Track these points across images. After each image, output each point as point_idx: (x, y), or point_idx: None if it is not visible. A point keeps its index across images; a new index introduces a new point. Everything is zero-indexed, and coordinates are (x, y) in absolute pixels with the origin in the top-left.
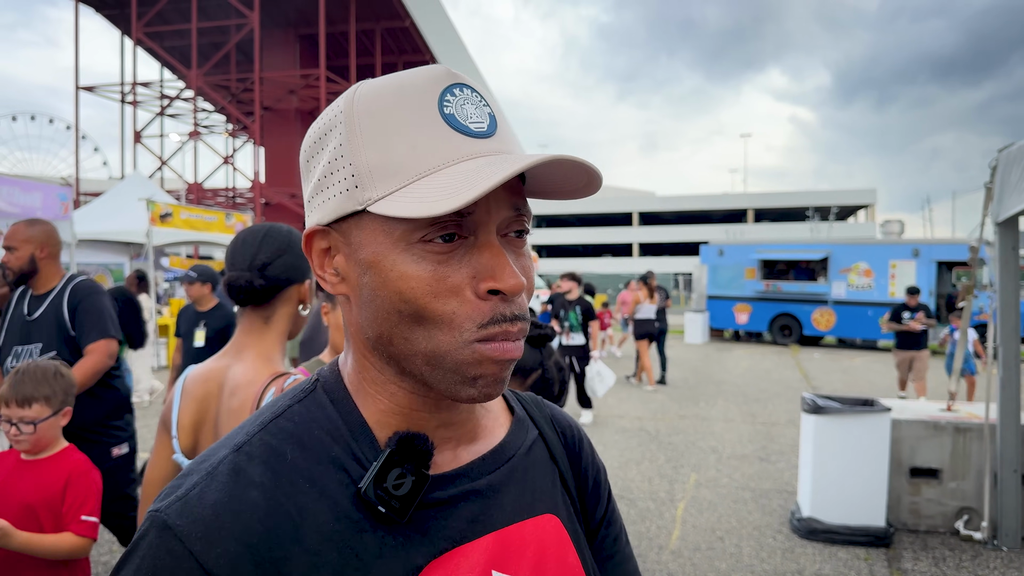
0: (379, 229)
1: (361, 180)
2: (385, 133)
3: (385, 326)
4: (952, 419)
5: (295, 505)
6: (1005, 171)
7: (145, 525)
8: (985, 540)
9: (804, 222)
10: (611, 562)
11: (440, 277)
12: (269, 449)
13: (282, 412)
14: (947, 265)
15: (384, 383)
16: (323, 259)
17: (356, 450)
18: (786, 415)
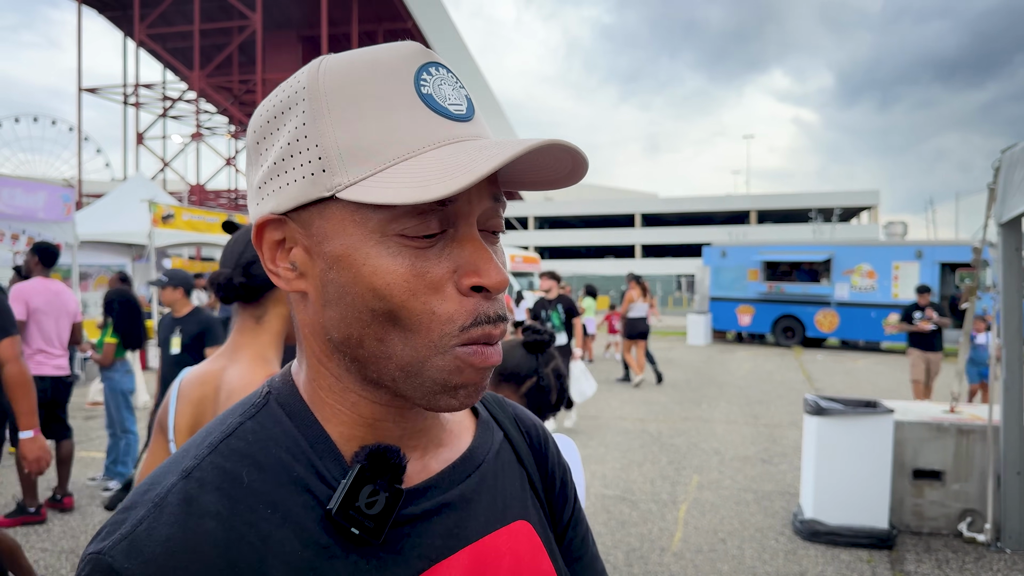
0: (349, 218)
1: (329, 164)
2: (358, 112)
3: (355, 327)
4: (955, 421)
5: (257, 534)
6: (1008, 172)
7: (85, 569)
8: (988, 542)
9: (807, 223)
10: (579, 564)
11: (419, 272)
12: (222, 473)
13: (233, 431)
14: (951, 267)
15: (343, 392)
16: (275, 252)
17: (320, 468)
18: (788, 417)
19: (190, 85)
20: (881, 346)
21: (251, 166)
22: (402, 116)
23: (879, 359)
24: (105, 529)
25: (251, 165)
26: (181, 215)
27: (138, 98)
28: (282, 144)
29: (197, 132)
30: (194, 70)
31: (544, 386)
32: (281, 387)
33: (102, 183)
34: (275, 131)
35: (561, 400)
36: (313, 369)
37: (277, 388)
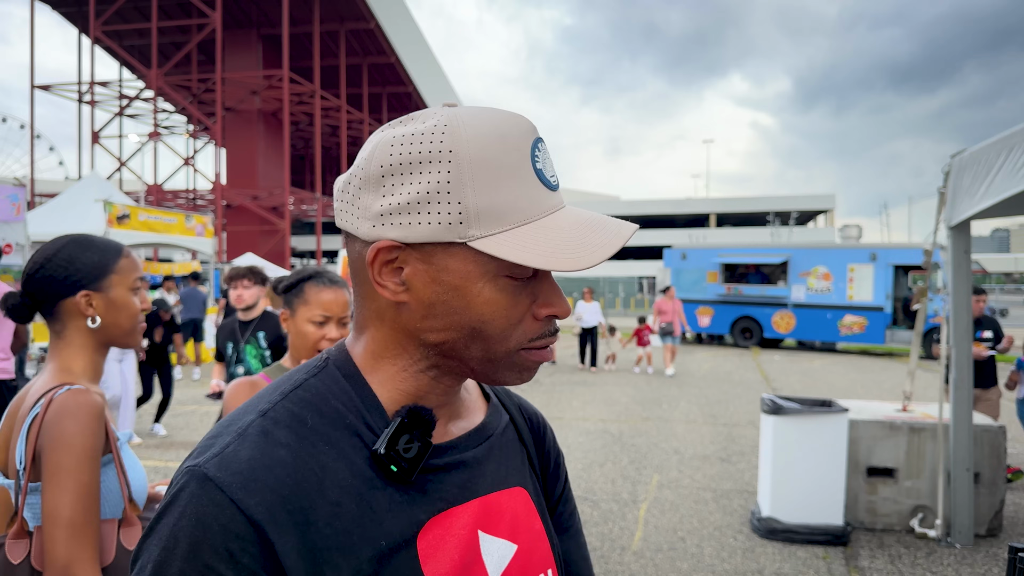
0: (472, 260)
1: (467, 219)
2: (492, 182)
3: (454, 336)
4: (907, 419)
5: (317, 463)
6: (957, 176)
7: (183, 479)
8: (939, 537)
9: (765, 227)
10: (567, 534)
11: (513, 304)
12: (291, 415)
13: (300, 384)
14: (904, 269)
15: (411, 369)
16: (384, 268)
17: (368, 419)
18: (747, 416)
19: (147, 83)
20: (837, 347)
21: (369, 191)
22: (523, 186)
23: (835, 359)
24: (197, 450)
25: (369, 190)
26: (137, 215)
27: (93, 96)
28: (420, 189)
29: (155, 131)
30: (152, 68)
31: None
32: (338, 356)
33: (55, 182)
34: (411, 173)
35: None
36: (391, 350)
37: (335, 356)
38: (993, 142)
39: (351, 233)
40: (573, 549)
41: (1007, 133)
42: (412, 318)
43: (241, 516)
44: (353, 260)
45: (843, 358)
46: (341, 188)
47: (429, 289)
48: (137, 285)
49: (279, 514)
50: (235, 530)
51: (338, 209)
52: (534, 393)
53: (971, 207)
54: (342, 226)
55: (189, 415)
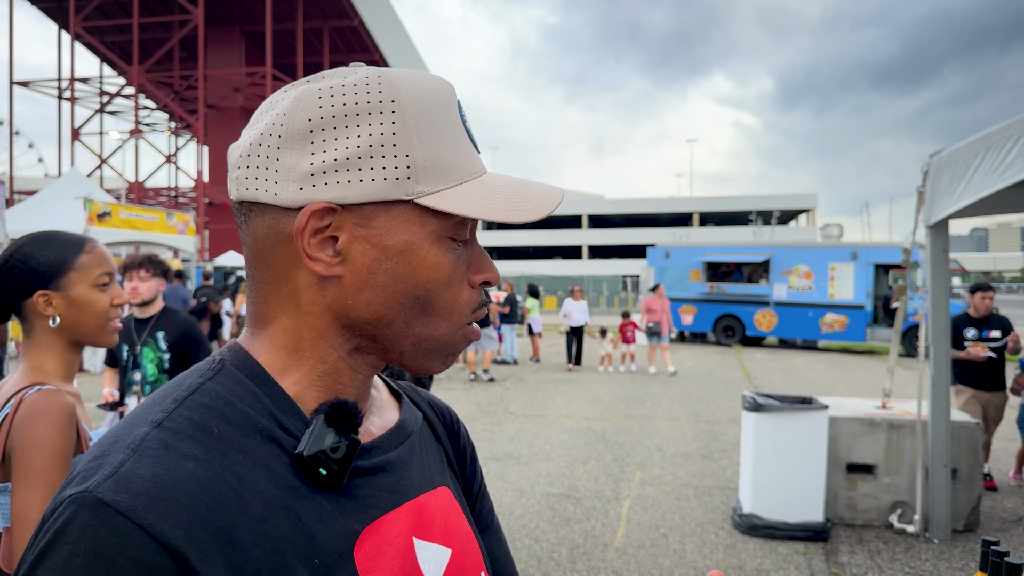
0: (416, 220)
1: (415, 173)
2: (436, 136)
3: (393, 310)
4: (887, 416)
5: (233, 475)
6: (936, 176)
7: (67, 510)
8: (917, 533)
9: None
10: (488, 531)
11: (455, 269)
12: (192, 423)
13: (196, 388)
14: (884, 268)
15: (329, 359)
16: (314, 238)
17: (283, 421)
18: (729, 414)
19: (129, 80)
20: (818, 345)
21: (292, 149)
22: (460, 144)
23: (816, 357)
24: (78, 475)
25: (293, 148)
26: (118, 213)
27: (73, 92)
28: (361, 143)
29: (136, 128)
30: (133, 64)
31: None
32: (234, 355)
33: (35, 180)
34: (347, 126)
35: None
36: (308, 341)
37: (230, 356)
38: (971, 142)
39: (262, 203)
40: (496, 547)
41: (984, 133)
42: (344, 294)
43: (154, 544)
44: (259, 239)
45: (824, 356)
46: (247, 152)
47: (369, 256)
48: (104, 281)
49: (200, 536)
50: (149, 562)
51: (241, 177)
52: (518, 391)
53: (949, 206)
54: (248, 197)
55: None
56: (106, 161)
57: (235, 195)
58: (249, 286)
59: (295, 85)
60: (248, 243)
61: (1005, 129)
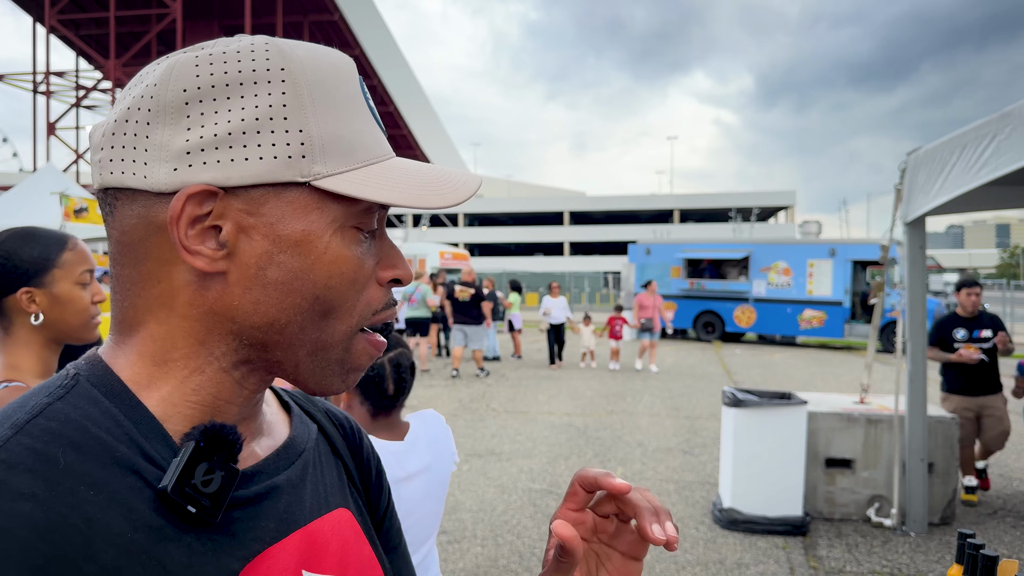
0: (313, 205)
1: (311, 151)
2: (336, 110)
3: (286, 313)
4: (864, 411)
5: (80, 516)
6: (913, 173)
7: None
8: (895, 526)
9: (727, 223)
10: (395, 552)
11: (360, 265)
12: (33, 454)
13: (41, 411)
14: (862, 264)
15: (208, 370)
16: (192, 227)
17: (147, 449)
18: (709, 409)
19: (105, 74)
20: (797, 340)
21: (164, 125)
22: (364, 122)
23: (795, 353)
24: None
25: (165, 124)
26: (96, 208)
27: (49, 86)
28: (246, 115)
29: None
30: (110, 58)
31: (375, 375)
32: (91, 369)
33: (9, 175)
34: (229, 97)
35: (400, 391)
36: (182, 349)
37: (86, 370)
38: (947, 140)
39: (130, 188)
40: (403, 569)
41: (960, 131)
42: (228, 294)
43: None
44: (126, 230)
45: (803, 352)
46: (111, 131)
47: (259, 249)
48: (85, 279)
49: None
50: None
51: (104, 159)
52: (499, 387)
53: (926, 203)
54: (112, 182)
55: None
56: (83, 156)
57: (98, 182)
58: (113, 288)
59: (169, 56)
60: (114, 237)
61: (981, 127)
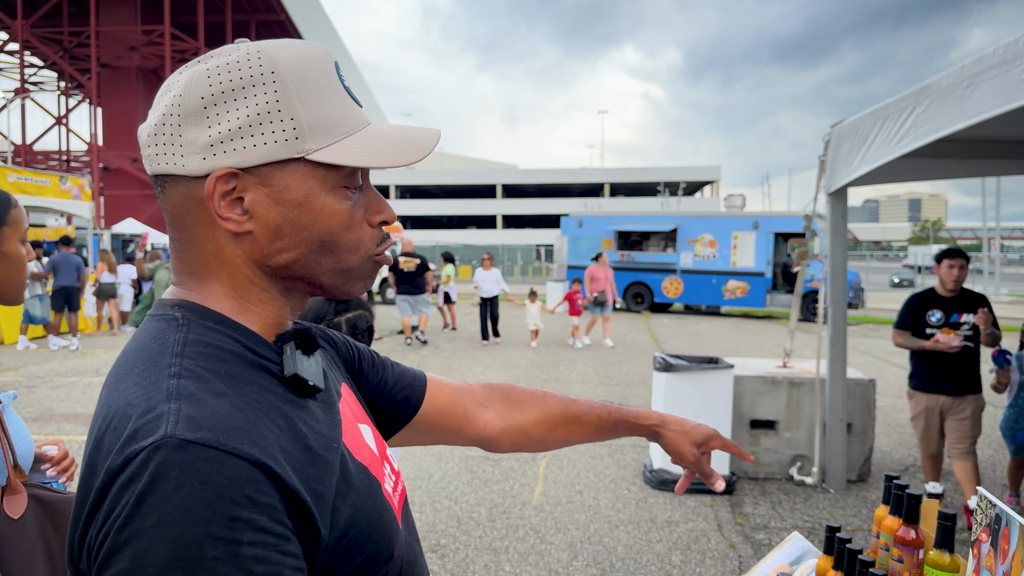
0: (310, 175)
1: (302, 133)
2: (317, 98)
3: (304, 254)
4: (787, 375)
5: (256, 401)
6: (836, 145)
7: (156, 456)
8: (815, 484)
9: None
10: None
11: (351, 214)
12: (204, 368)
13: (184, 341)
14: (783, 236)
15: (270, 301)
16: (223, 200)
17: (261, 352)
18: (639, 376)
19: (12, 35)
20: (721, 310)
21: (192, 125)
22: (341, 101)
23: (719, 322)
24: (138, 433)
25: (192, 124)
26: (6, 176)
27: None
28: (249, 112)
29: (22, 87)
30: (17, 18)
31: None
32: (190, 309)
33: None
34: (235, 100)
35: None
36: (239, 288)
37: (186, 310)
38: (869, 113)
39: (174, 175)
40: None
41: (883, 104)
42: (258, 246)
43: (242, 462)
44: (175, 205)
45: (727, 321)
46: (153, 132)
47: (274, 211)
48: (26, 237)
49: (266, 448)
50: (243, 476)
51: (152, 155)
52: (434, 359)
53: (848, 174)
54: (160, 171)
55: (70, 387)
56: None
57: (150, 170)
58: (174, 248)
59: (187, 67)
60: (168, 211)
61: (901, 100)
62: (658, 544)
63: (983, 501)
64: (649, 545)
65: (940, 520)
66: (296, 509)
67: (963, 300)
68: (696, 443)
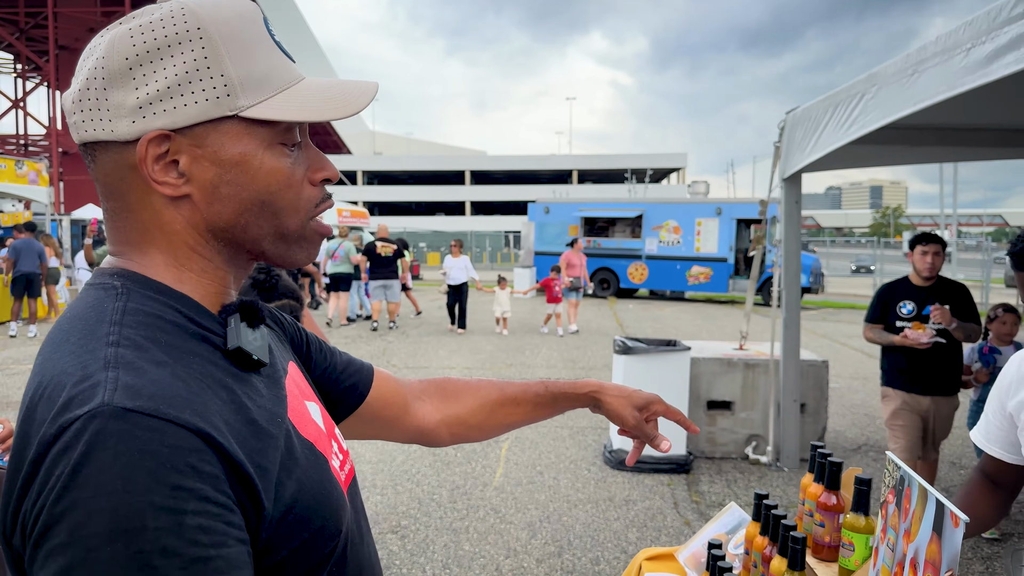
0: (244, 132)
1: (233, 90)
2: (247, 53)
3: (245, 215)
4: (743, 356)
5: (196, 372)
6: (791, 131)
7: (92, 425)
8: (770, 463)
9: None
10: (335, 355)
11: (291, 172)
12: (144, 337)
13: (123, 310)
14: (746, 223)
15: (213, 269)
16: (157, 164)
17: (204, 323)
18: (602, 360)
19: None
20: (685, 296)
21: (118, 88)
22: (272, 55)
23: (683, 307)
24: (74, 400)
25: (117, 87)
26: None
27: None
28: (178, 71)
29: None
30: None
31: None
32: (130, 278)
33: None
34: (162, 58)
35: None
36: (180, 256)
37: (126, 279)
38: (822, 99)
39: (103, 141)
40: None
41: (834, 91)
42: (197, 210)
43: (184, 431)
44: (107, 173)
45: (690, 306)
46: (78, 98)
47: (211, 172)
48: None
49: (209, 418)
50: (186, 445)
51: (78, 122)
52: (400, 344)
53: (802, 160)
54: (88, 138)
55: (27, 374)
56: None
57: (77, 139)
58: (109, 217)
59: (109, 29)
60: (100, 179)
61: (852, 87)
62: (615, 522)
63: (890, 464)
64: (607, 523)
65: (857, 485)
66: (239, 481)
67: (939, 290)
68: (637, 406)
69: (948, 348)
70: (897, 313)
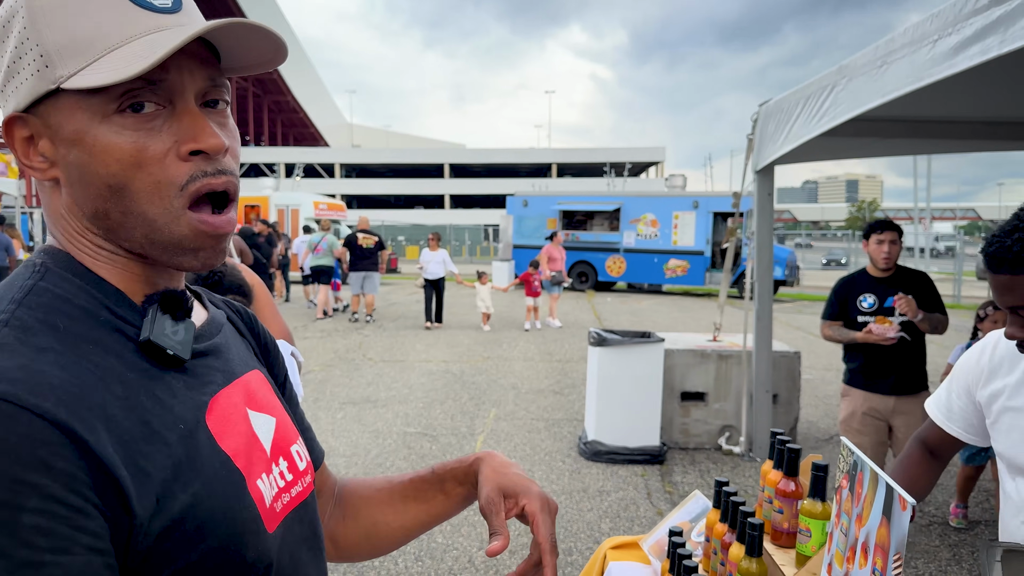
0: (76, 106)
1: (51, 60)
2: (68, 14)
3: (99, 202)
4: (716, 348)
5: (89, 362)
6: (764, 124)
7: None
8: (743, 453)
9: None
10: (293, 406)
11: (142, 147)
12: (38, 321)
13: (30, 290)
14: (723, 216)
15: (120, 259)
16: (27, 148)
17: (120, 312)
18: (579, 353)
19: None
20: (663, 288)
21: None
22: (109, 13)
23: (660, 300)
24: None
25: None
26: None
27: None
28: (12, 49)
29: None
30: None
31: None
32: (53, 257)
33: None
34: (4, 40)
35: None
36: (77, 245)
37: (49, 259)
38: (793, 92)
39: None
40: (302, 418)
41: (805, 83)
42: (65, 195)
43: (41, 421)
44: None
45: (668, 299)
46: None
47: (59, 154)
48: None
49: (79, 411)
50: (39, 437)
51: None
52: (378, 337)
53: (774, 152)
54: None
55: None
56: None
57: None
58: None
59: None
60: None
61: (822, 79)
62: (589, 512)
63: (844, 449)
64: (580, 514)
65: (813, 471)
66: (105, 482)
67: (900, 280)
68: (503, 490)
69: (912, 343)
70: (857, 308)
